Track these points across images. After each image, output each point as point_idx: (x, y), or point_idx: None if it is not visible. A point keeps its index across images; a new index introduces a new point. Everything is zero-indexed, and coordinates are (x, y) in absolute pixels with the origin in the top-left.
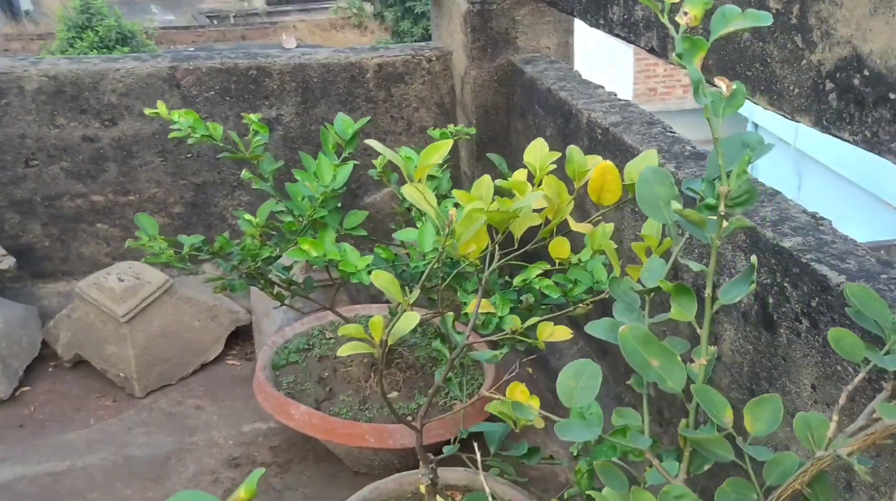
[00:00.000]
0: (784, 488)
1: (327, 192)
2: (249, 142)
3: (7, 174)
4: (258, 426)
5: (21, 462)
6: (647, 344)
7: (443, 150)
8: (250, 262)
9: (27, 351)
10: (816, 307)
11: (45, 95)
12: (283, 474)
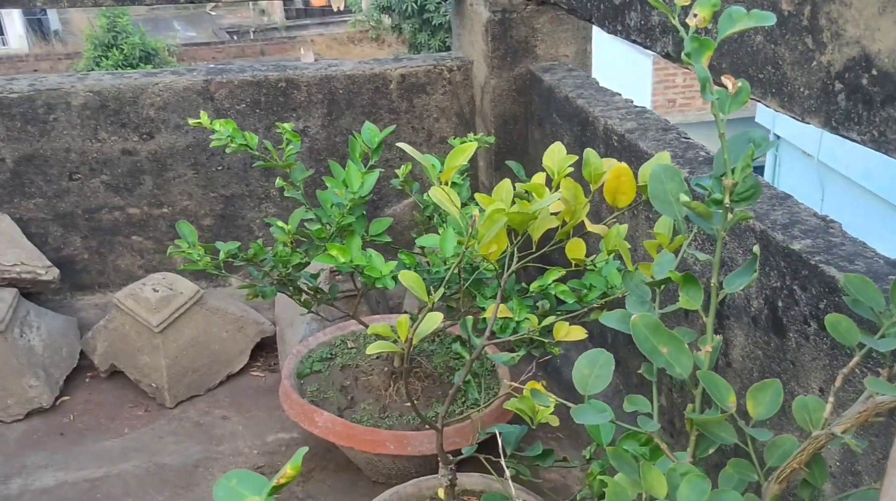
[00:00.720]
0: (783, 467)
1: (355, 199)
2: (282, 151)
3: (52, 188)
4: (281, 436)
5: (62, 469)
6: (656, 332)
7: (468, 152)
8: (281, 268)
9: (67, 361)
10: (824, 309)
11: (89, 110)
12: (305, 483)
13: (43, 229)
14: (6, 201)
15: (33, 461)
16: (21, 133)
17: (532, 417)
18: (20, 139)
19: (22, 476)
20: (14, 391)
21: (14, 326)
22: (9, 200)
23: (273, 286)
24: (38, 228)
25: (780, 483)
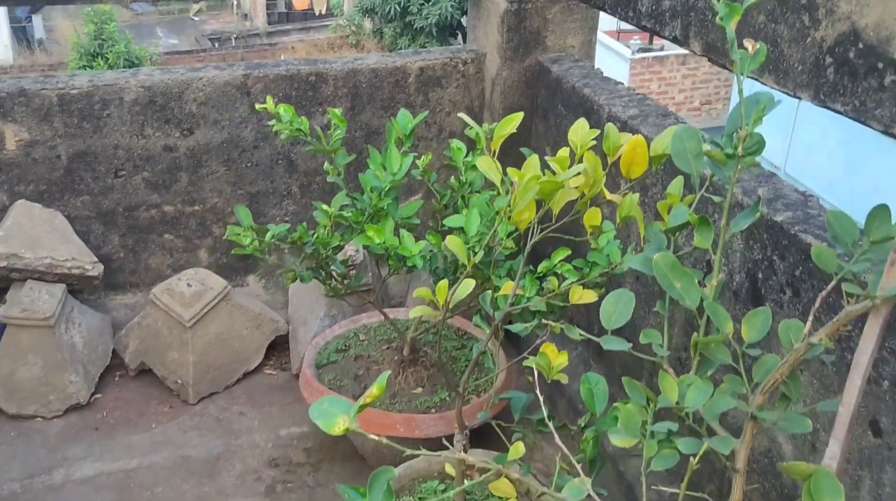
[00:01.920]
0: (767, 381)
1: (394, 180)
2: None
3: (99, 185)
4: (293, 430)
5: (99, 460)
6: (673, 269)
7: (515, 121)
8: (322, 250)
9: (102, 359)
10: (799, 277)
11: (139, 105)
12: (315, 472)
13: (86, 226)
14: (58, 199)
15: (73, 453)
16: (77, 129)
17: (548, 372)
18: (76, 135)
19: (64, 467)
20: (56, 387)
21: (61, 321)
22: (60, 197)
23: (310, 271)
24: (83, 226)
25: (763, 395)
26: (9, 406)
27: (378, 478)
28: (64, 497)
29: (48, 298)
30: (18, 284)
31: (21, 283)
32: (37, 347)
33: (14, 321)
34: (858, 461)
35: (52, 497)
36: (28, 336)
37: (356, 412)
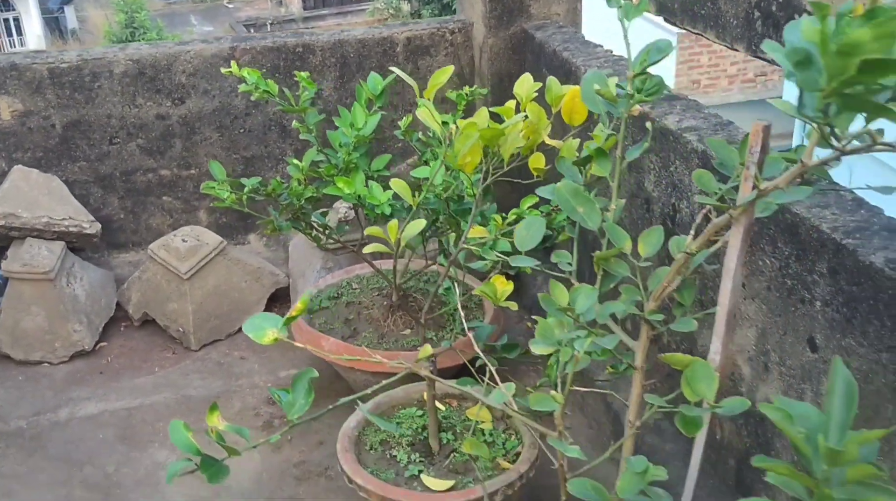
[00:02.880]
0: (658, 288)
1: (360, 137)
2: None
3: (95, 152)
4: (292, 371)
5: (103, 400)
6: (575, 195)
7: (447, 73)
8: (295, 201)
9: (105, 311)
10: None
11: (129, 77)
12: (312, 409)
13: (86, 190)
14: (55, 164)
15: (78, 394)
16: (69, 100)
17: (495, 298)
18: (68, 106)
19: (69, 407)
20: (61, 335)
21: (62, 275)
22: (57, 163)
23: (288, 222)
24: (82, 189)
25: (655, 301)
26: (16, 353)
27: (301, 378)
28: (68, 432)
29: (47, 253)
30: (18, 241)
31: (21, 241)
32: (39, 299)
33: (16, 274)
34: (801, 376)
35: (56, 432)
36: (30, 289)
37: (284, 325)
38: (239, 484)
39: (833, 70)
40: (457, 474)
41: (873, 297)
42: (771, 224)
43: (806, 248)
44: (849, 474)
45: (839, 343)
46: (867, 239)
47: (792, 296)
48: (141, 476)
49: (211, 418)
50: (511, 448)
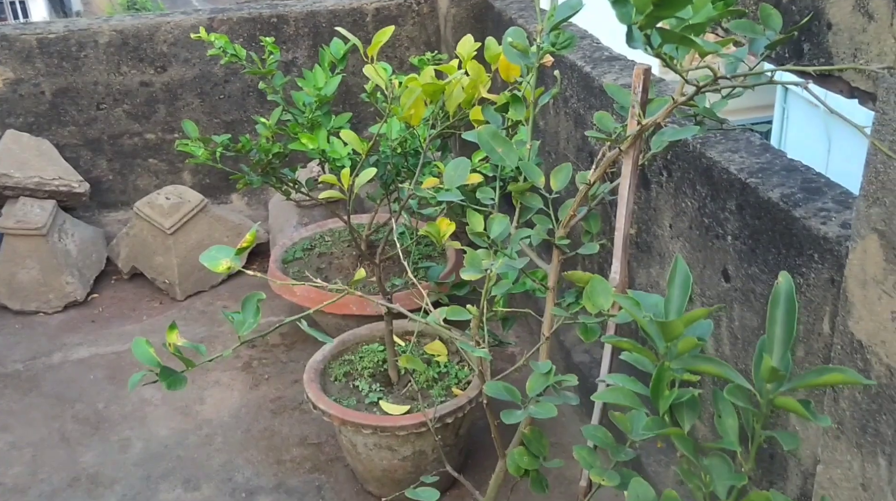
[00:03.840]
0: (565, 217)
1: (321, 97)
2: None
3: (83, 117)
4: (271, 319)
5: (94, 345)
6: (494, 138)
7: (388, 33)
8: (263, 156)
9: (96, 264)
10: (672, 160)
11: (113, 47)
12: (288, 351)
13: (75, 153)
14: (45, 129)
15: (70, 340)
16: (58, 68)
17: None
18: (57, 74)
19: (62, 351)
20: (54, 287)
21: (54, 231)
22: (48, 127)
23: (259, 177)
24: (72, 152)
25: (564, 228)
26: (13, 303)
27: (249, 300)
28: (61, 374)
29: (40, 211)
30: (12, 200)
31: (15, 199)
32: (33, 253)
33: (10, 230)
34: (715, 303)
35: (50, 374)
36: (24, 244)
37: (235, 255)
38: (219, 418)
39: (639, 5)
40: (412, 400)
41: (771, 228)
42: (690, 169)
43: (719, 188)
44: (680, 347)
45: (746, 272)
46: (768, 178)
47: (709, 233)
48: (128, 411)
49: (170, 335)
50: (463, 378)
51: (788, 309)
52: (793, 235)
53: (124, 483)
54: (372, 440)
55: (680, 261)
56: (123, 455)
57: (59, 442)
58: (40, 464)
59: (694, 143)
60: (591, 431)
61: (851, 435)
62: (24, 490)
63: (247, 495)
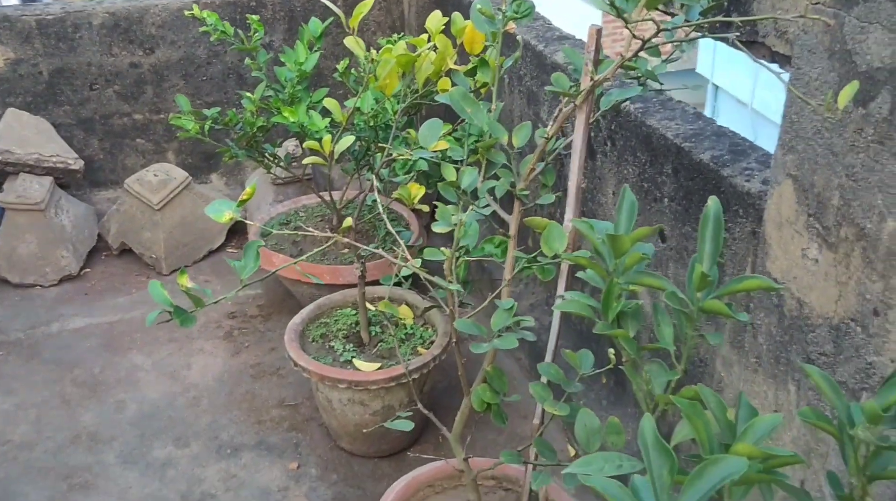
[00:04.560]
0: (525, 170)
1: (301, 71)
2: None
3: (77, 97)
4: (249, 292)
5: (88, 316)
6: (464, 99)
7: (369, 5)
8: (248, 130)
9: (88, 240)
10: (616, 130)
11: (106, 28)
12: (266, 321)
13: (69, 132)
14: (43, 108)
15: (67, 311)
16: (55, 49)
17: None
18: (54, 54)
19: (59, 322)
20: (51, 261)
21: (51, 206)
22: (45, 107)
23: (243, 151)
24: (67, 132)
25: (524, 181)
26: (12, 276)
27: (250, 247)
28: (59, 342)
29: (38, 187)
30: (13, 176)
31: (15, 175)
32: (32, 227)
33: (11, 205)
34: (655, 265)
35: (49, 342)
36: (24, 218)
37: (237, 207)
38: (205, 382)
39: None
40: (382, 358)
41: (702, 188)
42: (632, 137)
43: (657, 154)
44: (628, 261)
45: (681, 231)
46: (700, 142)
47: (648, 196)
48: (122, 375)
49: (181, 279)
50: (427, 338)
51: (716, 228)
52: (721, 192)
53: (121, 441)
54: (346, 395)
55: (627, 190)
56: (119, 415)
57: (61, 404)
58: (44, 423)
59: (635, 112)
60: (545, 368)
61: (767, 367)
62: (32, 447)
63: (231, 451)
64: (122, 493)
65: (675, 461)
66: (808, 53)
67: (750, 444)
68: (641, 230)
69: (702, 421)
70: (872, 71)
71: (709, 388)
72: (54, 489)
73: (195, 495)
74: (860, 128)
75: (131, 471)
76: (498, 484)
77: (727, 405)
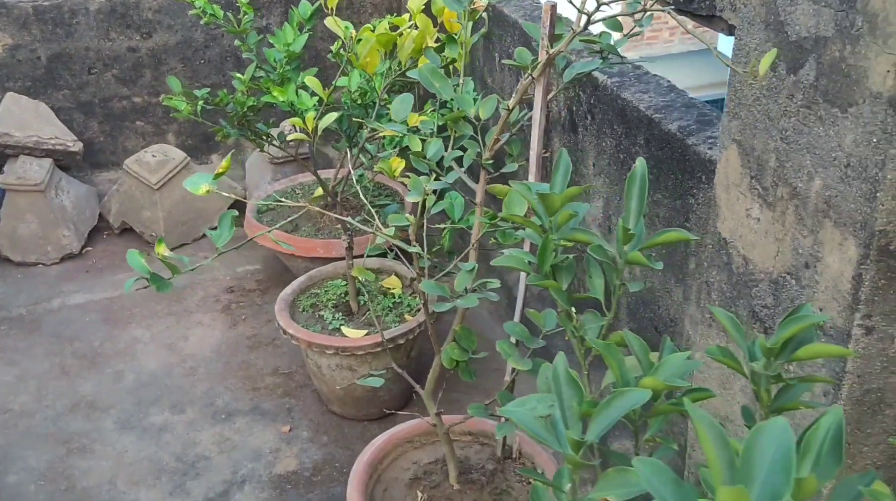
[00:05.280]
0: (491, 141)
1: (290, 52)
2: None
3: (76, 81)
4: (248, 267)
5: (88, 292)
6: (433, 74)
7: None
8: (239, 109)
9: (89, 220)
10: (595, 104)
11: (103, 14)
12: (264, 295)
13: (69, 116)
14: (41, 92)
15: (68, 288)
16: (52, 35)
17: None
18: (51, 40)
19: (60, 298)
20: (52, 240)
21: (51, 187)
22: (43, 91)
23: (236, 129)
24: (66, 115)
25: (490, 151)
26: (14, 255)
27: (225, 216)
28: (60, 316)
29: (38, 168)
30: (13, 159)
31: (15, 157)
32: (32, 208)
33: (12, 187)
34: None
35: (50, 317)
36: (25, 199)
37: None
38: (202, 353)
39: None
40: (370, 326)
41: (670, 157)
42: (609, 111)
43: (631, 126)
44: (560, 219)
45: (651, 198)
46: (669, 114)
47: (623, 167)
48: (121, 348)
49: (159, 248)
50: (414, 306)
51: (641, 186)
52: (686, 160)
53: (119, 408)
54: (334, 361)
55: (563, 153)
56: (117, 385)
57: (60, 375)
58: (44, 393)
59: (612, 86)
60: (511, 326)
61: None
62: (31, 414)
63: (226, 416)
64: (118, 456)
65: (584, 392)
66: (748, 25)
67: (659, 379)
68: (572, 190)
69: (616, 361)
70: (801, 40)
71: (636, 334)
72: (53, 453)
73: (189, 457)
74: (791, 94)
75: (128, 436)
76: (474, 440)
77: (648, 350)
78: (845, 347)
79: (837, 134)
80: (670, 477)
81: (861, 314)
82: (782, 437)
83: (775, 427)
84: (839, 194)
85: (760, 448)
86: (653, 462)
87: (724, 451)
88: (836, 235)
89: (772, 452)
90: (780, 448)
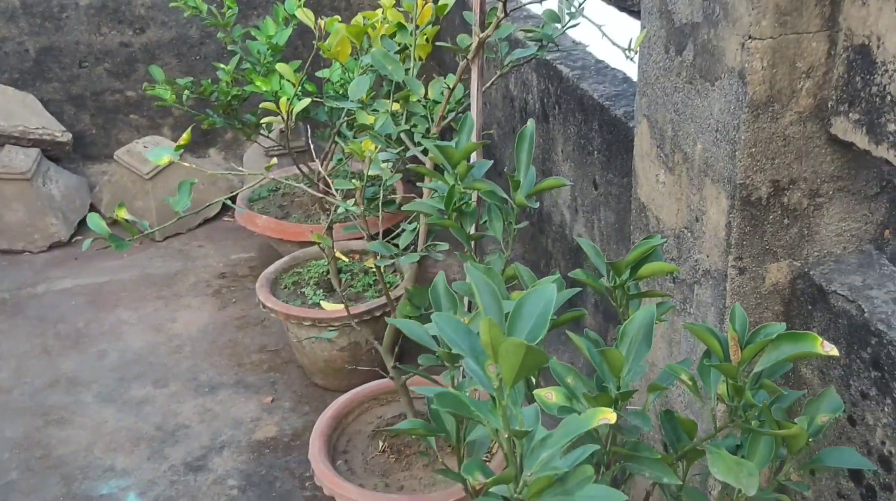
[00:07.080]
0: (437, 118)
1: (273, 45)
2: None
3: (66, 74)
4: (241, 255)
5: (77, 278)
6: (385, 57)
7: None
8: (223, 99)
9: (80, 209)
10: (560, 95)
11: (93, 9)
12: (256, 280)
13: (59, 108)
14: (30, 84)
15: (54, 274)
16: (41, 28)
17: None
18: (40, 34)
19: (46, 283)
20: (39, 228)
21: (38, 176)
22: (32, 83)
23: (221, 118)
24: (56, 107)
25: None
26: (0, 243)
27: (183, 184)
28: (44, 301)
29: (24, 157)
30: None
31: (0, 147)
32: (18, 196)
33: None
34: (591, 210)
35: (34, 301)
36: (10, 188)
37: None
38: (189, 333)
39: None
40: (350, 301)
41: (618, 140)
42: (572, 100)
43: (588, 113)
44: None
45: (605, 178)
46: (618, 101)
47: (584, 151)
48: (106, 329)
49: (119, 212)
50: (394, 283)
51: (529, 143)
52: (629, 141)
53: (100, 383)
54: (313, 333)
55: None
56: (100, 363)
57: (42, 354)
58: (24, 371)
59: (573, 78)
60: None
61: None
62: (9, 391)
63: (209, 389)
64: (97, 427)
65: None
66: (648, 14)
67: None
68: (470, 145)
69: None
70: (682, 26)
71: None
72: (30, 425)
73: (170, 426)
74: (679, 72)
75: (108, 408)
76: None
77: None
78: (725, 287)
79: (709, 104)
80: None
81: (733, 257)
82: (548, 296)
83: (544, 289)
84: (713, 156)
85: (530, 303)
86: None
87: (496, 305)
88: (713, 190)
89: (540, 306)
90: (544, 303)
